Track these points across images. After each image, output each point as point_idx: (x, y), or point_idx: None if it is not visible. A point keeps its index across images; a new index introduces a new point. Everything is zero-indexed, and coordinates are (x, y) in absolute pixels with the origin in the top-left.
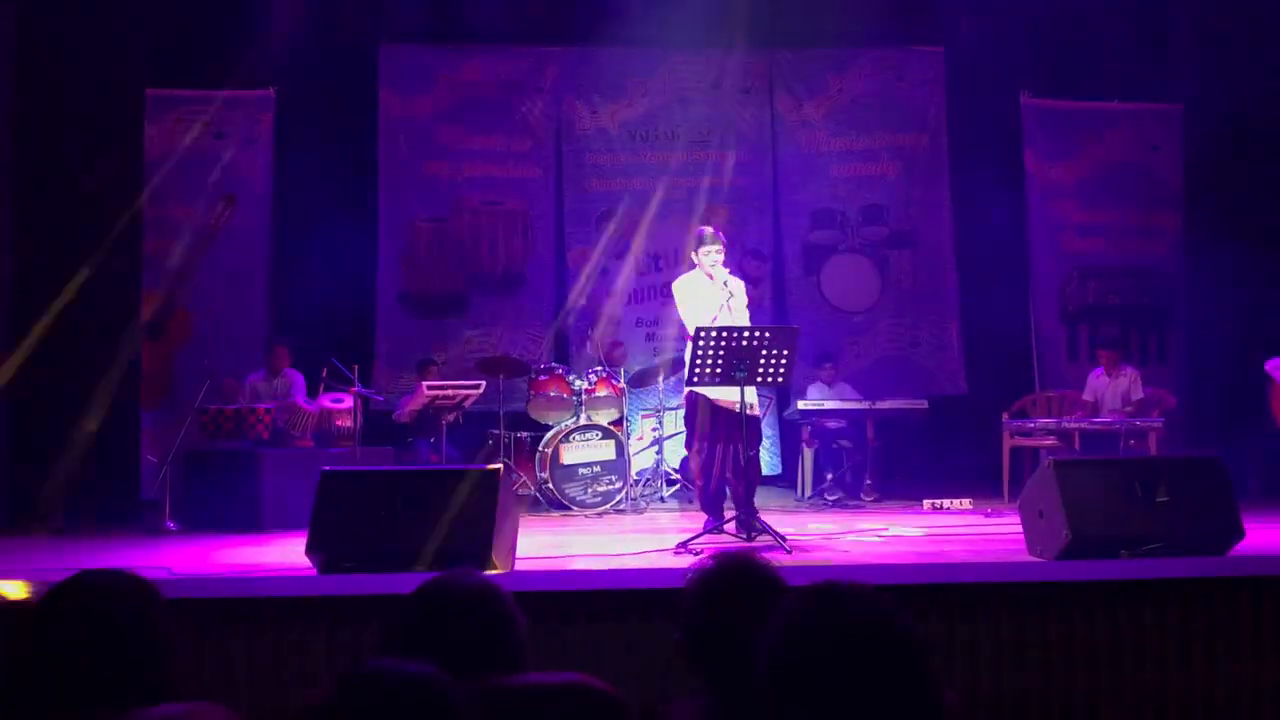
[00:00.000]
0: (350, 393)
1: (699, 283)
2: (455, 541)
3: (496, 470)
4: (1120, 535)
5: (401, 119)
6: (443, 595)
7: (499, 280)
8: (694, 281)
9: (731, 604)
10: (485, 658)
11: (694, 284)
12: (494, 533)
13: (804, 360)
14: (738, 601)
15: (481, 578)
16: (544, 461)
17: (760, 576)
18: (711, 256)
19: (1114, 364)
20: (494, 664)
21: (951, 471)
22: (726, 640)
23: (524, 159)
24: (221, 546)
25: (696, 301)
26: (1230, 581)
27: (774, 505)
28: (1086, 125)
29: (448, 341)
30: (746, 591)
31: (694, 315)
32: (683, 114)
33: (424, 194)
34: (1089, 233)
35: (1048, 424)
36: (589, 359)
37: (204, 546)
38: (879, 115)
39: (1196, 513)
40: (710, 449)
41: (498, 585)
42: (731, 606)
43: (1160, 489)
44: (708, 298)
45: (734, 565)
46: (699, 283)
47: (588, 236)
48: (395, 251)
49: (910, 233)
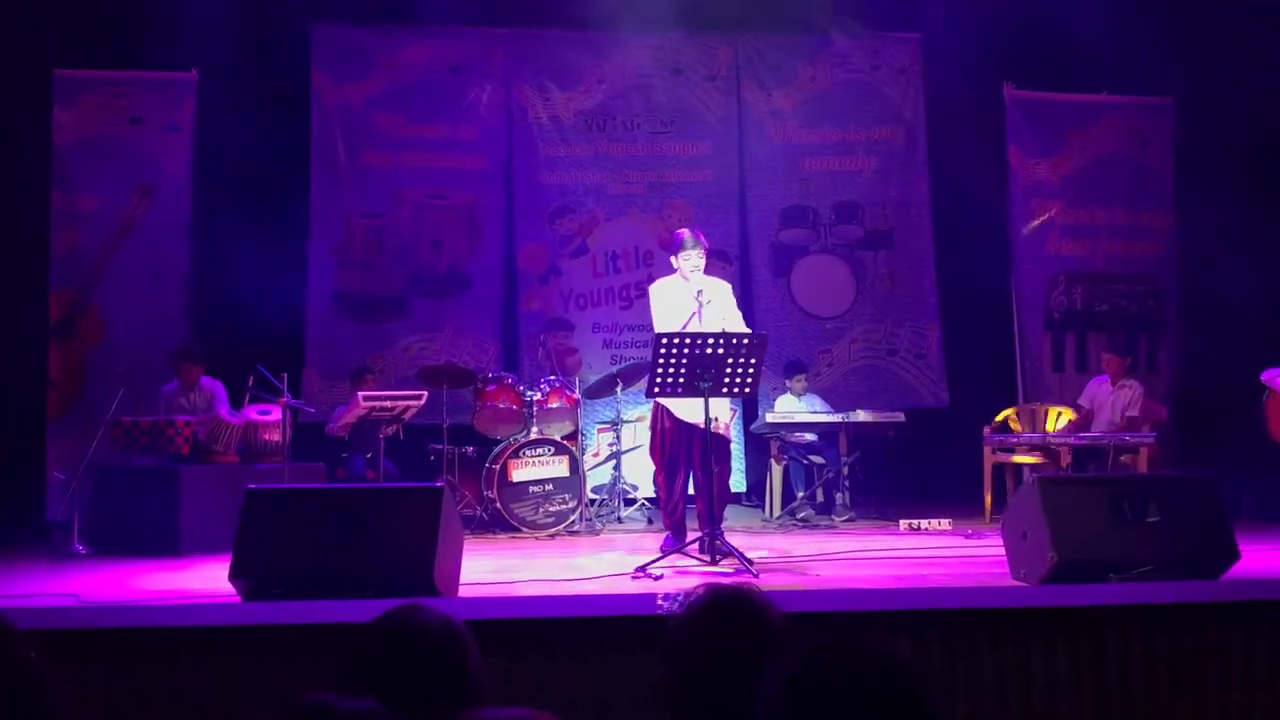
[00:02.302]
0: (278, 404)
1: (674, 287)
2: (394, 566)
3: (439, 489)
4: (1108, 558)
5: (336, 106)
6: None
7: (442, 281)
8: (669, 286)
9: (725, 644)
10: (440, 695)
11: (668, 288)
12: (436, 556)
13: (772, 370)
14: (732, 642)
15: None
16: (491, 479)
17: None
18: (692, 261)
19: (1120, 373)
20: (449, 701)
21: (930, 490)
22: (715, 685)
23: (470, 149)
24: (136, 572)
25: (668, 306)
26: (1224, 607)
27: (740, 525)
28: (1073, 119)
29: (386, 348)
30: (743, 631)
31: (661, 321)
32: (642, 103)
33: (361, 187)
34: (1076, 234)
35: (1031, 438)
36: (541, 367)
37: (117, 572)
38: (853, 107)
39: (1189, 534)
40: (673, 465)
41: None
42: (725, 647)
43: (1151, 509)
44: (679, 303)
45: (730, 600)
46: (674, 287)
47: (540, 234)
48: (329, 249)
49: (887, 233)
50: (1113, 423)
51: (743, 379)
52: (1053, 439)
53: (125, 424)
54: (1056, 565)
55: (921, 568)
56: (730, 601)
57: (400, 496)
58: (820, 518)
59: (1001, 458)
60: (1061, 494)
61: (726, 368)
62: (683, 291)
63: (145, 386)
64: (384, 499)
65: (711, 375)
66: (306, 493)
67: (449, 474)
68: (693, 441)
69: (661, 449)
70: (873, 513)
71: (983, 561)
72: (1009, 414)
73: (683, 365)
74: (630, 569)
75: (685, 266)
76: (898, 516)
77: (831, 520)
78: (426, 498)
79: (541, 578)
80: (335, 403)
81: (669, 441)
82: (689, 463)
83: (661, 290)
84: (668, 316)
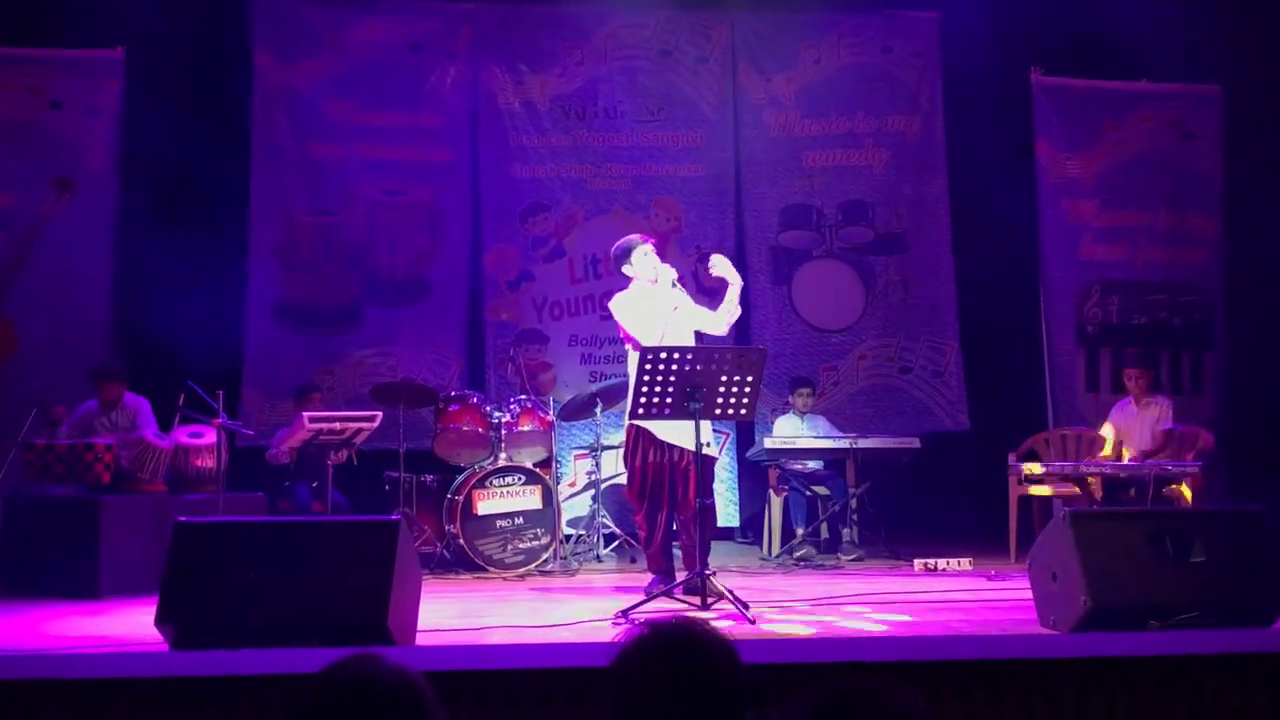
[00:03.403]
0: (212, 425)
1: (640, 293)
2: (343, 610)
3: (394, 522)
4: (1149, 603)
5: (280, 89)
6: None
7: (400, 288)
8: (633, 298)
9: (674, 686)
10: None
11: (634, 299)
12: (390, 599)
13: (771, 389)
14: (682, 683)
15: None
16: (453, 511)
17: (710, 650)
18: (651, 258)
19: (1143, 389)
20: None
21: (949, 525)
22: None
23: (432, 139)
24: (49, 616)
25: (641, 317)
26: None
27: (734, 565)
28: (1109, 109)
29: (335, 363)
30: (693, 670)
31: (643, 329)
32: (626, 88)
33: (308, 181)
34: (1112, 238)
35: (1062, 467)
36: (510, 385)
37: (26, 616)
38: (862, 94)
39: (1238, 575)
40: (656, 500)
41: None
42: (674, 689)
43: (1196, 547)
44: (655, 308)
45: (675, 635)
46: (640, 293)
47: (510, 234)
48: (271, 251)
49: (900, 235)
50: (1145, 447)
51: (738, 399)
52: (1086, 468)
53: (38, 448)
54: (1090, 611)
55: (938, 613)
56: (676, 638)
57: (351, 531)
58: (824, 557)
59: (1029, 489)
60: (1096, 530)
61: (720, 386)
62: (652, 295)
63: (61, 405)
64: (332, 534)
65: (703, 395)
66: (244, 527)
67: (406, 506)
68: (677, 470)
69: (642, 484)
70: (884, 551)
71: (1007, 606)
72: (1037, 440)
73: (670, 384)
74: (610, 614)
75: (647, 267)
76: (912, 555)
77: (837, 559)
78: (380, 533)
79: (510, 623)
80: (277, 424)
81: (650, 474)
82: (674, 495)
83: (628, 302)
84: (646, 325)
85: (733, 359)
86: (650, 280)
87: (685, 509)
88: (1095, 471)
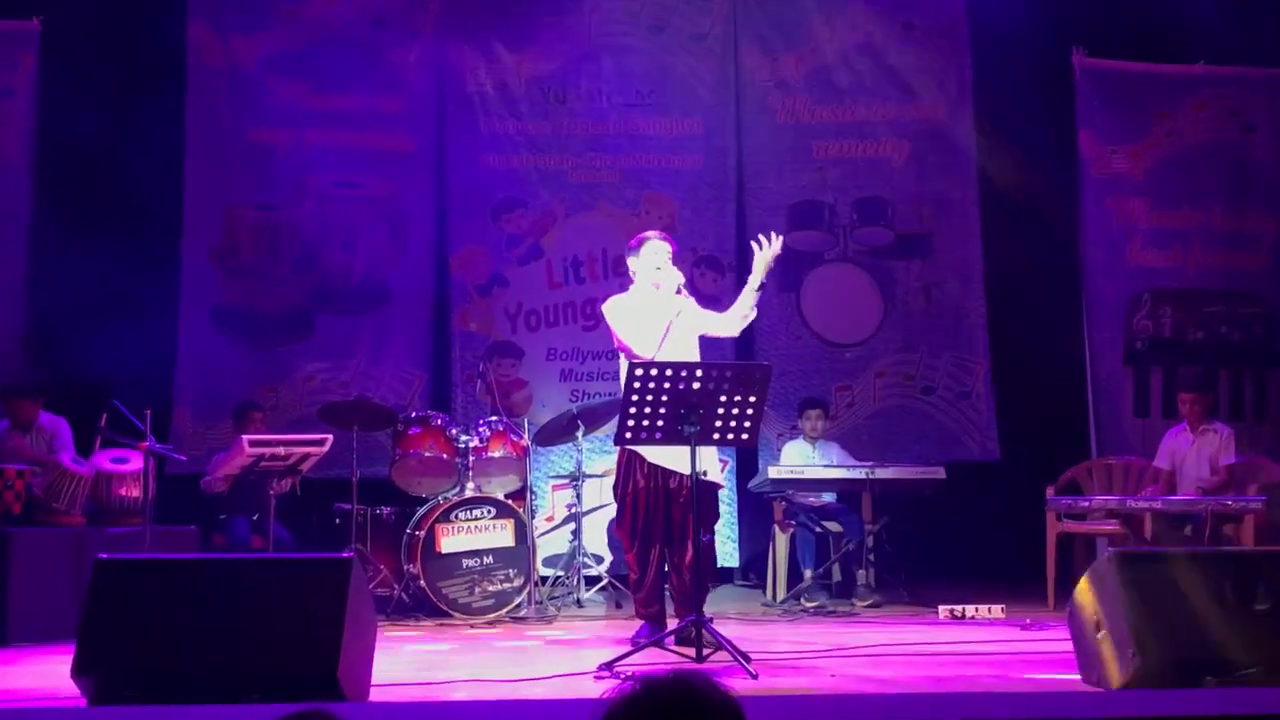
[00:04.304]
0: (139, 449)
1: (640, 298)
2: (287, 661)
3: (346, 561)
4: (1205, 656)
5: (221, 67)
6: None
7: (355, 293)
8: (629, 303)
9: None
10: None
11: (630, 304)
12: (341, 649)
13: (777, 411)
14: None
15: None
16: (414, 549)
17: (713, 710)
18: (660, 257)
19: (1200, 415)
20: None
21: (978, 567)
22: None
23: (394, 125)
24: None
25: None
26: None
27: (733, 611)
28: (1160, 95)
29: (281, 378)
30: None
31: (636, 338)
32: (613, 68)
33: (251, 172)
34: (1163, 241)
35: (1107, 502)
36: (480, 405)
37: None
38: (881, 77)
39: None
40: (648, 536)
41: None
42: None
43: (1260, 593)
44: (654, 315)
45: (672, 693)
46: (640, 298)
47: (481, 234)
48: (207, 251)
49: (923, 237)
50: (1202, 481)
51: (739, 423)
52: (1135, 503)
53: None
54: (1140, 666)
55: (966, 667)
56: (674, 696)
57: (296, 571)
58: (837, 602)
59: (1069, 526)
60: (1146, 574)
61: (719, 407)
62: (651, 301)
63: None
64: (274, 574)
65: (699, 417)
66: (174, 565)
67: (359, 542)
68: (674, 501)
69: (633, 517)
70: (904, 596)
71: (1044, 660)
72: (1079, 471)
73: (661, 404)
74: (593, 667)
75: (660, 260)
76: (936, 601)
77: (851, 605)
78: (330, 572)
79: (477, 677)
80: (213, 449)
81: (644, 506)
82: (669, 530)
83: (623, 307)
84: (641, 334)
85: (733, 376)
86: (654, 284)
87: (681, 547)
88: (1145, 507)
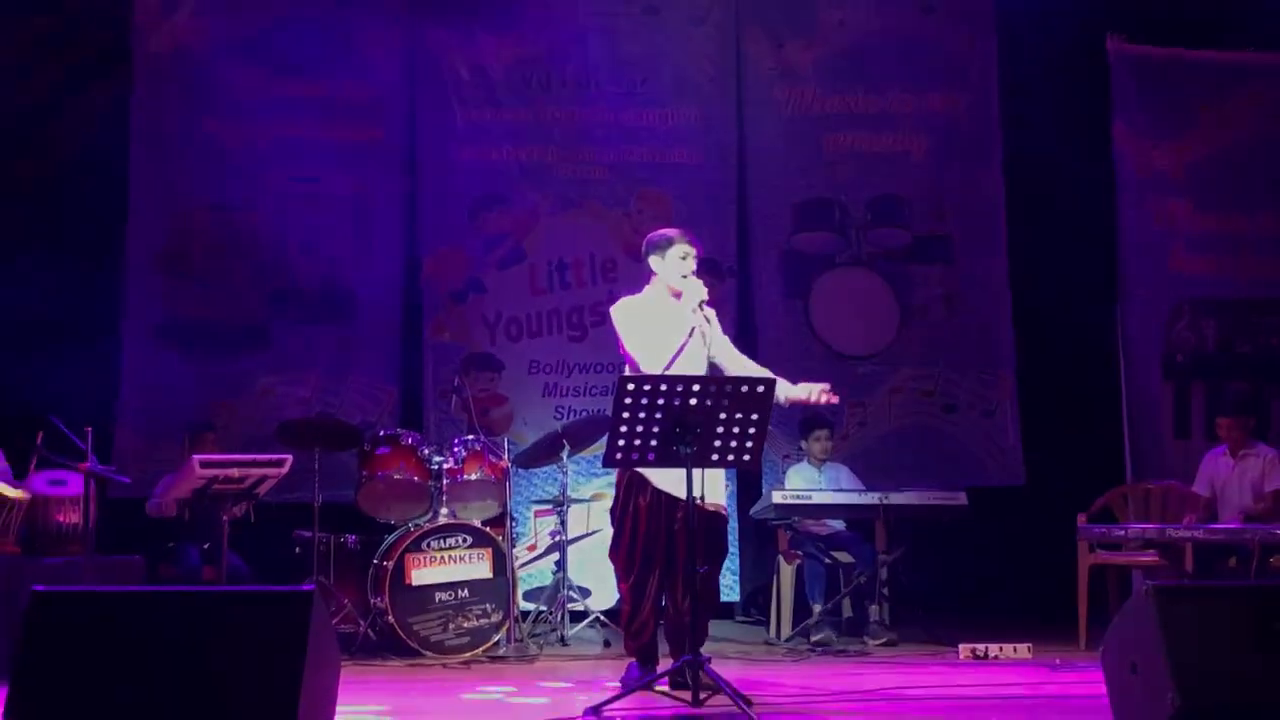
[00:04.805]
0: (79, 471)
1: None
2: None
3: (307, 594)
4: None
5: (168, 52)
6: None
7: (317, 300)
8: (643, 307)
9: None
10: None
11: (643, 309)
12: (301, 691)
13: (782, 430)
14: None
15: None
16: (381, 581)
17: None
18: (690, 261)
19: (1241, 439)
20: None
21: (1003, 602)
22: None
23: (360, 116)
24: None
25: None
26: None
27: (734, 650)
28: (1205, 85)
29: (235, 394)
30: None
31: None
32: (603, 53)
33: (202, 168)
34: (1207, 246)
35: (1145, 531)
36: (455, 423)
37: None
38: (898, 65)
39: None
40: (647, 565)
41: None
42: None
43: None
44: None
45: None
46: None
47: (457, 234)
48: (155, 256)
49: (944, 239)
50: (1245, 508)
51: (740, 442)
52: (1175, 532)
53: None
54: (1179, 710)
55: (990, 712)
56: None
57: (251, 605)
58: (847, 640)
59: (1103, 558)
60: (1187, 610)
61: (718, 426)
62: (671, 309)
63: None
64: (228, 608)
65: (696, 436)
66: (117, 598)
67: (321, 573)
68: (675, 528)
69: (631, 545)
70: (921, 634)
71: (1076, 705)
72: (1113, 497)
73: (655, 421)
74: (578, 711)
75: (684, 266)
76: (956, 640)
77: (863, 644)
78: (289, 607)
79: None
80: (161, 470)
81: (643, 533)
82: (670, 561)
83: (635, 311)
84: (650, 345)
85: (734, 392)
86: (674, 292)
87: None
88: (1186, 536)
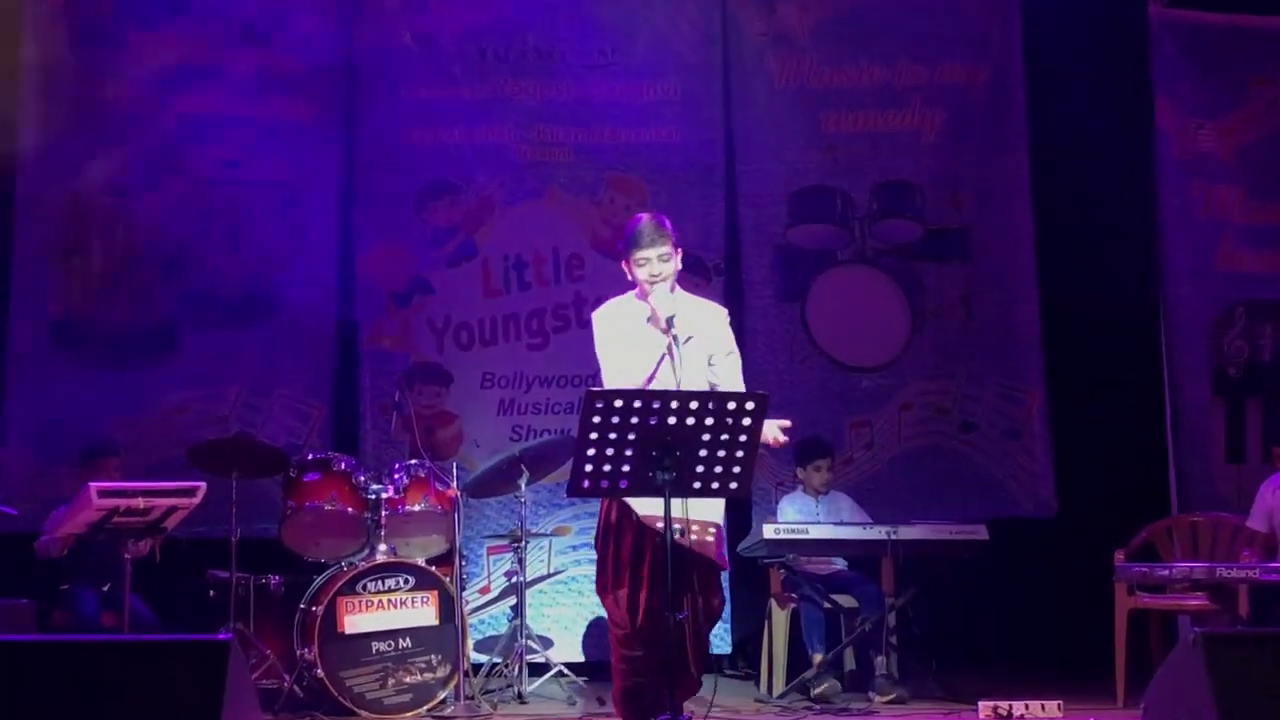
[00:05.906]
0: None
1: (634, 313)
2: None
3: (223, 644)
4: None
5: (61, 9)
6: None
7: (236, 303)
8: (626, 312)
9: None
10: None
11: (625, 315)
12: None
13: (776, 454)
14: None
15: None
16: (310, 629)
17: None
18: (652, 265)
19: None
20: None
21: (1029, 651)
22: None
23: (289, 90)
24: None
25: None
26: None
27: (722, 706)
28: (1258, 56)
29: (139, 410)
30: None
31: (613, 370)
32: (568, 18)
33: (104, 148)
34: (1261, 240)
35: (1192, 570)
36: (396, 445)
37: None
38: (907, 33)
39: None
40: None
41: None
42: None
43: None
44: (643, 339)
45: None
46: (634, 313)
47: (400, 227)
48: (44, 246)
49: (961, 233)
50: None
51: (727, 468)
52: (1227, 572)
53: None
54: None
55: None
56: None
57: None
58: (850, 696)
59: (1144, 601)
60: (1240, 659)
61: (701, 449)
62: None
63: None
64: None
65: (675, 462)
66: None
67: (240, 620)
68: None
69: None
70: (935, 688)
71: None
72: (1156, 531)
73: (627, 443)
74: None
75: (642, 274)
76: (975, 696)
77: (868, 700)
78: (202, 658)
79: None
80: (52, 501)
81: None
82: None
83: (614, 318)
84: (624, 363)
85: (718, 409)
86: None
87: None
88: (1241, 577)
